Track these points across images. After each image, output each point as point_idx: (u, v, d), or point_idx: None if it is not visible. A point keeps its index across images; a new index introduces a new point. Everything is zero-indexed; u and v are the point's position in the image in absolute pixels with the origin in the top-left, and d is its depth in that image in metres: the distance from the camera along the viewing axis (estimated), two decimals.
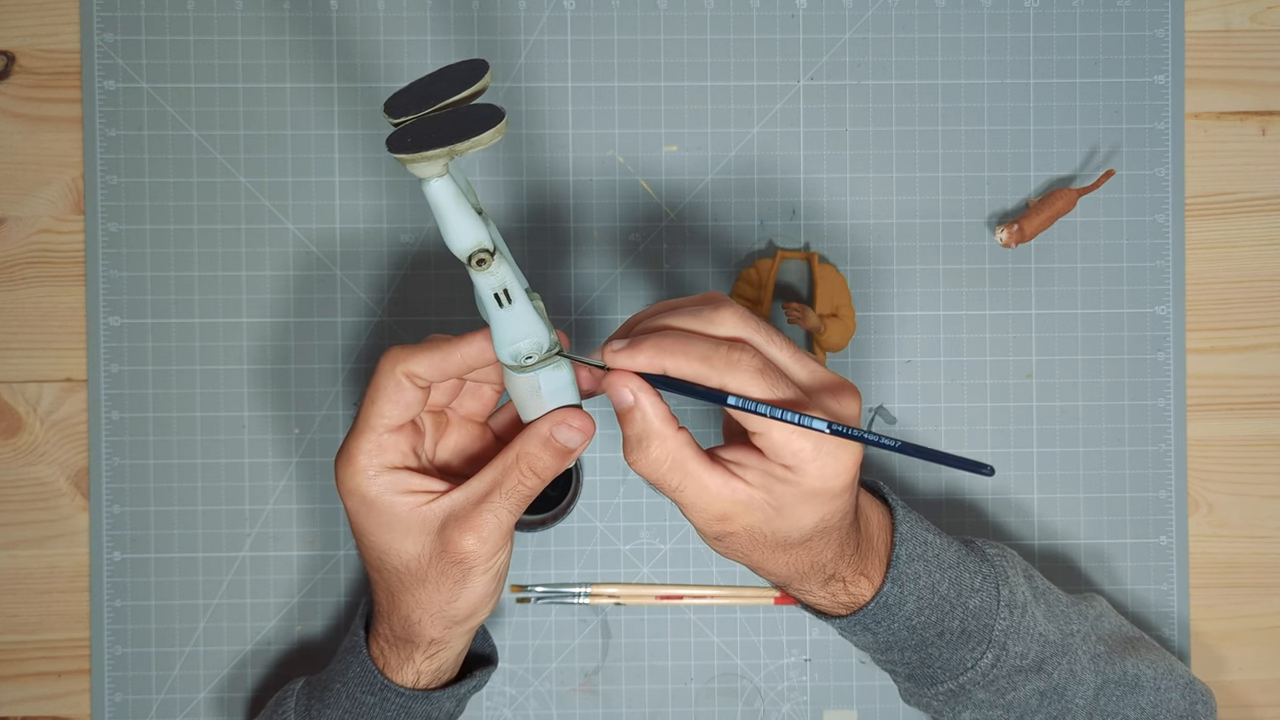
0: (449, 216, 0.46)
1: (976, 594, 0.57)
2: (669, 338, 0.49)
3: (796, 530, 0.51)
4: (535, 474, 0.52)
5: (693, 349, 0.49)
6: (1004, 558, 0.60)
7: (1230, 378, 0.70)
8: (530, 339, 0.50)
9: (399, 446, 0.53)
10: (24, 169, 0.68)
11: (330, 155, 0.68)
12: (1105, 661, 0.59)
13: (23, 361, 0.68)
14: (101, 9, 0.68)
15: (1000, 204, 0.69)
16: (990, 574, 0.58)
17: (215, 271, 0.68)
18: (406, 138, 0.44)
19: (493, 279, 0.47)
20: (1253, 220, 0.70)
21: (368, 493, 0.52)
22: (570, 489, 0.66)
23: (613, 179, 0.69)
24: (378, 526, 0.53)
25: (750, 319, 0.50)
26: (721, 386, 0.48)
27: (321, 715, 0.58)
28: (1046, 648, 0.58)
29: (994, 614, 0.57)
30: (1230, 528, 0.70)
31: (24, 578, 0.68)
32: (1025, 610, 0.58)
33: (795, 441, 0.48)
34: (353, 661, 0.58)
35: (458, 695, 0.59)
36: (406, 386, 0.52)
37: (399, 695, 0.57)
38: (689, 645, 0.69)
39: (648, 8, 0.69)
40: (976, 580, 0.57)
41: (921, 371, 0.69)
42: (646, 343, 0.49)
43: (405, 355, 0.52)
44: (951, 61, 0.69)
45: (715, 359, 0.48)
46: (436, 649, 0.56)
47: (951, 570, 0.57)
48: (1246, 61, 0.70)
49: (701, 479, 0.50)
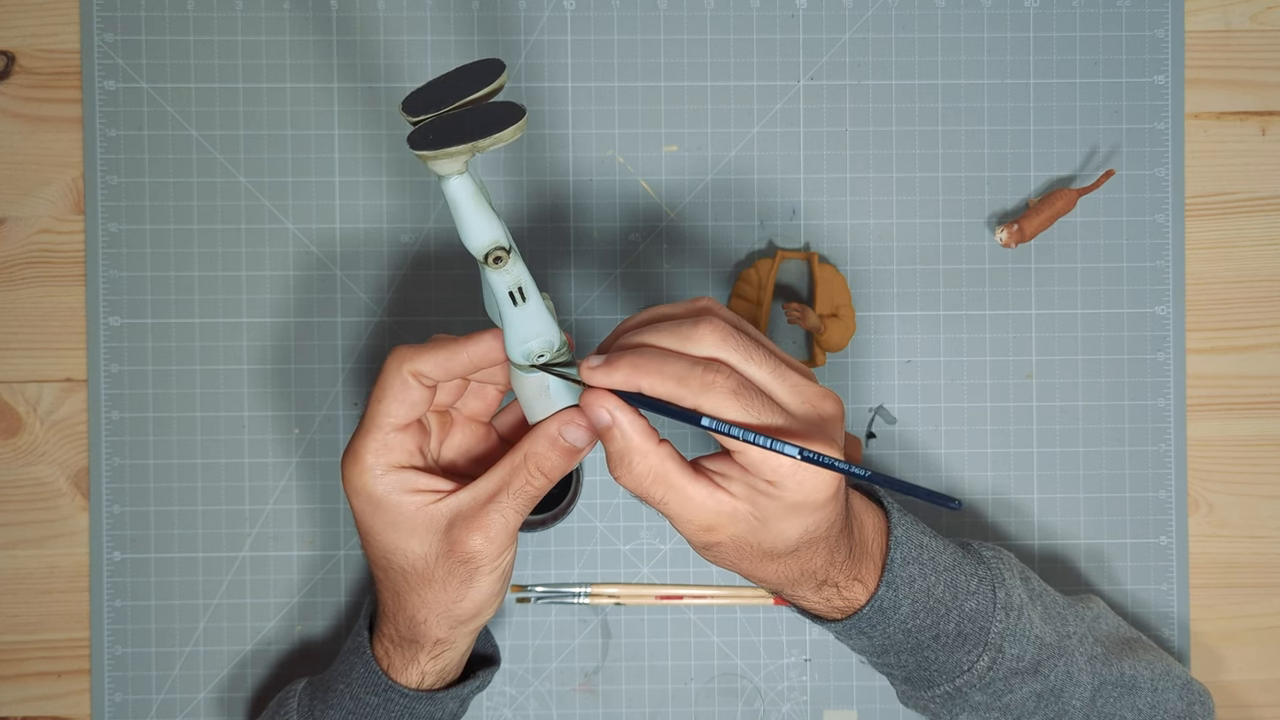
0: (468, 214, 0.46)
1: (972, 596, 0.57)
2: (644, 356, 0.49)
3: (782, 541, 0.51)
4: (543, 474, 0.52)
5: (667, 369, 0.48)
6: (1000, 559, 0.60)
7: (1230, 378, 0.70)
8: (542, 338, 0.50)
9: (405, 446, 0.53)
10: (24, 169, 0.68)
11: (330, 155, 0.68)
12: (1102, 663, 0.59)
13: (23, 361, 0.68)
14: (101, 9, 0.68)
15: (1000, 204, 0.69)
16: (986, 576, 0.58)
17: (215, 271, 0.68)
18: (429, 134, 0.44)
19: (508, 277, 0.48)
20: (1253, 220, 0.70)
21: (374, 492, 0.52)
22: (570, 489, 0.67)
23: (613, 179, 0.69)
24: (384, 526, 0.53)
25: (731, 336, 0.49)
26: (696, 408, 0.48)
27: (325, 716, 0.58)
28: (1043, 650, 0.58)
29: (990, 616, 0.57)
30: (1230, 528, 0.70)
31: (24, 578, 0.68)
32: (1021, 612, 0.58)
33: (773, 458, 0.48)
34: (356, 662, 0.58)
35: (461, 696, 0.59)
36: (413, 385, 0.52)
37: (403, 696, 0.57)
38: (689, 645, 0.69)
39: (648, 8, 0.69)
40: (972, 583, 0.57)
41: (921, 371, 0.69)
42: (622, 360, 0.49)
43: (411, 354, 0.52)
44: (951, 61, 0.69)
45: (690, 380, 0.48)
46: (441, 649, 0.56)
47: (947, 573, 0.57)
48: (1246, 61, 0.70)
49: (685, 491, 0.50)
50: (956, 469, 0.69)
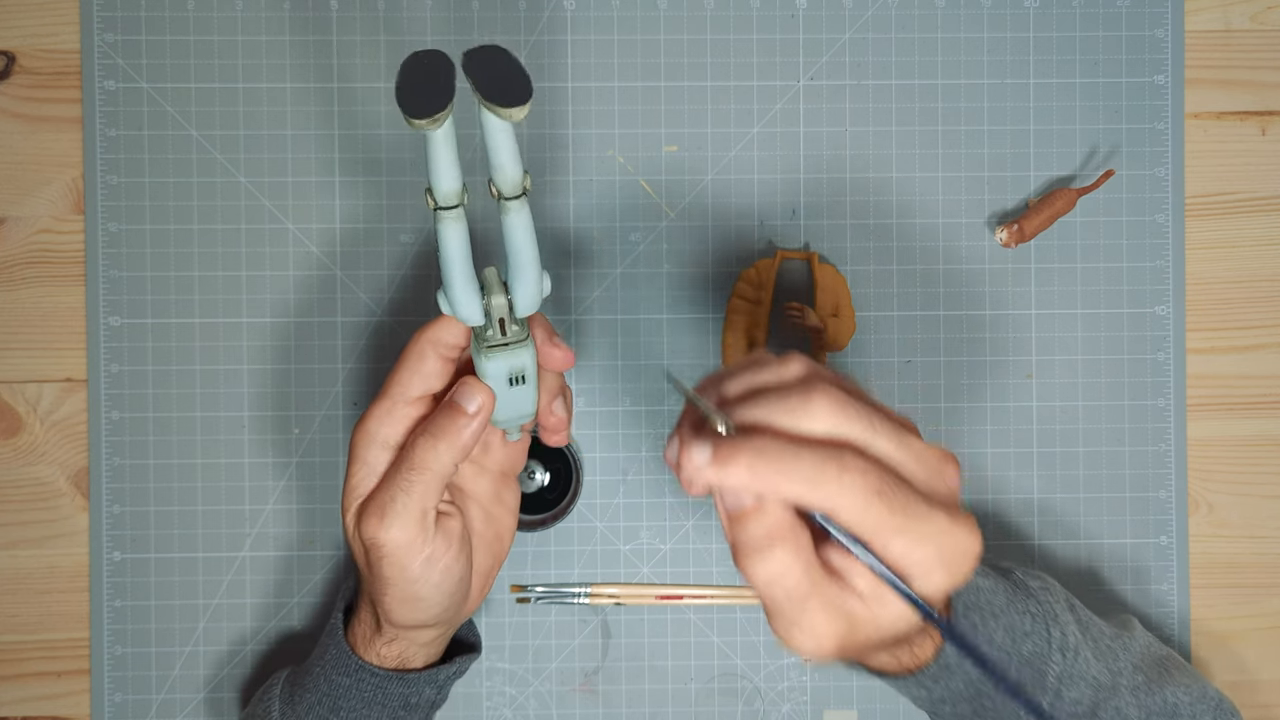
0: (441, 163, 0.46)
1: (1028, 638, 0.55)
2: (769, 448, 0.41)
3: (893, 631, 0.44)
4: (432, 436, 0.51)
5: (798, 467, 0.40)
6: (1048, 592, 0.57)
7: (1230, 378, 0.70)
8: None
9: (410, 419, 0.53)
10: (24, 169, 0.68)
11: (330, 155, 0.68)
12: (1145, 694, 0.57)
13: (23, 361, 0.68)
14: (101, 9, 0.68)
15: (1000, 204, 0.69)
16: (1039, 613, 0.56)
17: (215, 271, 0.68)
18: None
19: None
20: (1253, 220, 0.70)
21: (358, 456, 0.52)
22: (570, 489, 0.67)
23: (613, 179, 0.69)
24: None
25: (849, 405, 0.42)
26: (830, 512, 0.41)
27: (301, 700, 0.59)
28: (1099, 691, 0.55)
29: (1046, 659, 0.54)
30: (1230, 528, 0.70)
31: (24, 578, 0.68)
32: (1078, 653, 0.55)
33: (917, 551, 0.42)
34: (329, 644, 0.59)
35: (437, 681, 0.59)
36: (429, 357, 0.52)
37: (374, 676, 0.57)
38: (689, 645, 0.69)
39: (648, 8, 0.69)
40: (1026, 621, 0.55)
41: (921, 371, 0.69)
42: (741, 453, 0.41)
43: (432, 323, 0.53)
44: (951, 61, 0.69)
45: (824, 480, 0.40)
46: (393, 636, 0.56)
47: (1004, 616, 0.54)
48: (1246, 61, 0.70)
49: (825, 590, 0.42)
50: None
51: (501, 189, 0.47)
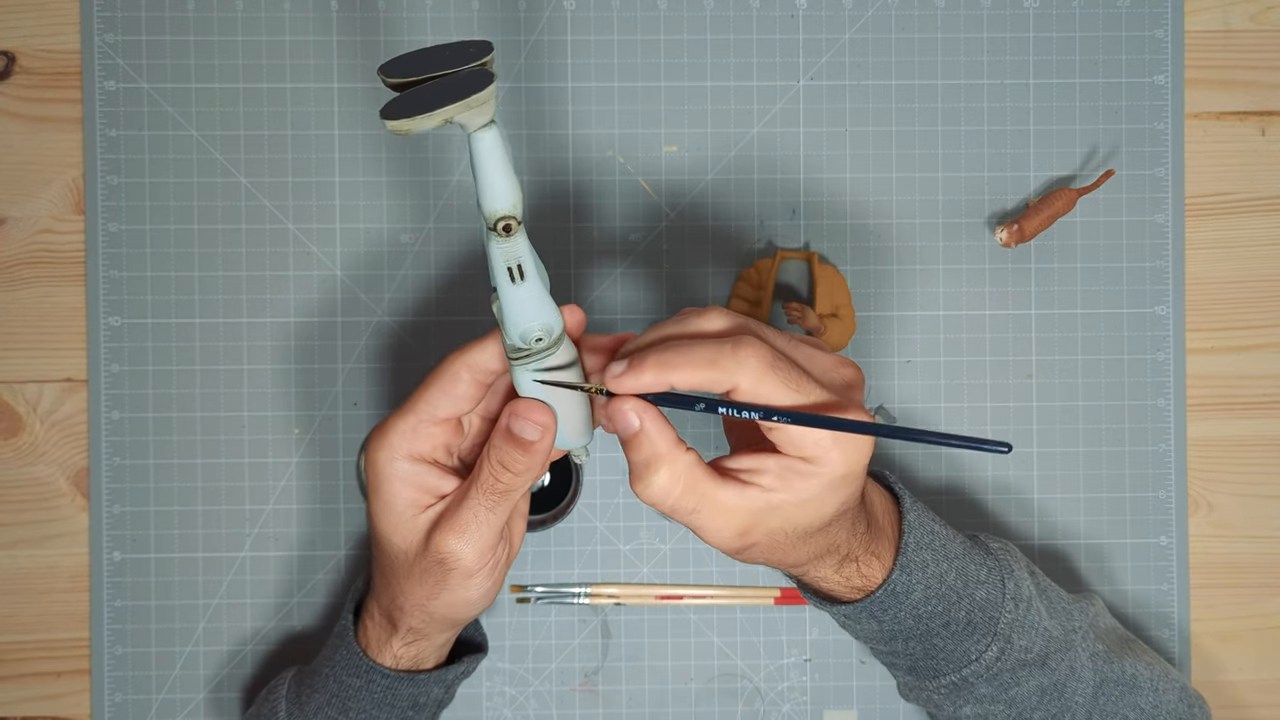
0: (491, 172, 0.44)
1: (982, 586, 0.57)
2: (670, 349, 0.47)
3: (819, 519, 0.50)
4: (505, 468, 0.51)
5: (697, 354, 0.46)
6: (1007, 551, 0.60)
7: (1230, 378, 0.70)
8: (539, 321, 0.48)
9: (435, 439, 0.53)
10: (24, 169, 0.68)
11: (330, 155, 0.68)
12: (1104, 660, 0.59)
13: (23, 361, 0.68)
14: (101, 9, 0.68)
15: (1000, 204, 0.69)
16: (995, 567, 0.58)
17: (215, 271, 0.68)
18: (396, 105, 0.42)
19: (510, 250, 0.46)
20: (1253, 220, 0.70)
21: (383, 473, 0.53)
22: (570, 489, 0.67)
23: (613, 179, 0.69)
24: (379, 509, 0.53)
25: (737, 315, 0.49)
26: (733, 388, 0.46)
27: (310, 700, 0.59)
28: (1050, 643, 0.58)
29: (999, 606, 0.56)
30: (1230, 528, 0.70)
31: (24, 578, 0.68)
32: (1030, 604, 0.57)
33: (811, 434, 0.47)
34: (340, 645, 0.59)
35: (445, 680, 0.60)
36: (463, 379, 0.52)
37: (384, 677, 0.57)
38: (689, 645, 0.69)
39: (648, 8, 0.69)
40: (982, 572, 0.57)
41: (921, 371, 0.69)
42: (648, 359, 0.47)
43: (469, 346, 0.52)
44: (951, 61, 0.69)
45: (721, 359, 0.46)
46: (415, 637, 0.57)
47: (958, 561, 0.56)
48: (1246, 61, 0.70)
49: (717, 498, 0.48)
50: (956, 469, 0.69)
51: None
